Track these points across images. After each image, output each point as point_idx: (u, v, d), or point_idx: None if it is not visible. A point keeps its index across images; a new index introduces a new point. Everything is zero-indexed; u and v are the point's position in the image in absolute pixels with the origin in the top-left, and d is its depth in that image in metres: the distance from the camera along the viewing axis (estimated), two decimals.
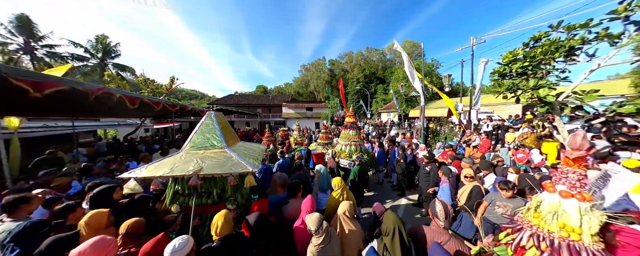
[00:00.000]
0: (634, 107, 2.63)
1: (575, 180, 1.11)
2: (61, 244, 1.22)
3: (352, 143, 5.21)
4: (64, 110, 4.93)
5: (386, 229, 1.30)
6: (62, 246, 1.18)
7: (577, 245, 1.06)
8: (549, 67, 3.54)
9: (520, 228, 1.32)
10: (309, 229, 1.45)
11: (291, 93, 40.84)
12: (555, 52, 3.23)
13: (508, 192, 2.09)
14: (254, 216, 1.66)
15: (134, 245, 1.43)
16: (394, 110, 20.73)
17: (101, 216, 1.51)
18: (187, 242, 1.31)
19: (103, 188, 1.87)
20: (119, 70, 16.16)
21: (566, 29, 3.19)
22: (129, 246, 1.35)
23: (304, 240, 1.59)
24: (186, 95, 59.82)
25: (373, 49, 42.85)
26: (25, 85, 1.90)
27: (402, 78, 19.21)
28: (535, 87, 3.30)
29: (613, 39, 2.69)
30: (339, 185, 2.25)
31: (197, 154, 1.99)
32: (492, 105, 11.14)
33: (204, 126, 2.21)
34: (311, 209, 1.71)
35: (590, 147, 1.08)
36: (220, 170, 1.78)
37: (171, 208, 1.96)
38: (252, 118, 24.16)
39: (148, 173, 1.68)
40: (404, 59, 6.29)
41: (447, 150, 4.19)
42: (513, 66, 3.75)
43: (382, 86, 32.73)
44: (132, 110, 5.54)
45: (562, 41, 3.21)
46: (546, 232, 1.16)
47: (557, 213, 1.14)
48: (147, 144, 6.81)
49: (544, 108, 3.29)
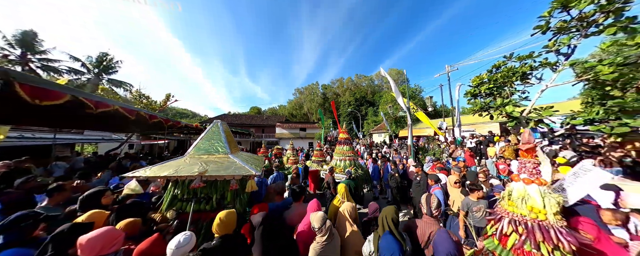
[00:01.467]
0: (582, 119, 3.17)
1: (532, 168, 1.35)
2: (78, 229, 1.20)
3: (346, 158, 5.35)
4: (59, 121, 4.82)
5: (379, 220, 1.42)
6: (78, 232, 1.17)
7: (545, 223, 1.24)
8: (511, 88, 4.25)
9: (500, 218, 1.48)
10: (312, 227, 1.51)
11: (285, 114, 41.61)
12: (512, 76, 3.98)
13: (477, 192, 2.30)
14: (259, 216, 1.69)
15: (130, 243, 1.39)
16: (384, 130, 21.54)
17: (100, 216, 1.49)
18: (191, 238, 1.33)
19: (92, 192, 1.82)
20: (113, 85, 16.17)
21: (517, 59, 4.01)
22: (129, 243, 1.32)
23: (308, 241, 1.62)
24: (177, 114, 58.80)
25: (362, 75, 46.57)
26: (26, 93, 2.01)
27: (390, 101, 20.63)
28: (502, 104, 3.90)
29: (552, 66, 3.43)
30: (342, 193, 2.34)
31: (201, 158, 2.06)
32: (473, 124, 12.10)
33: (211, 133, 2.33)
34: (318, 210, 1.78)
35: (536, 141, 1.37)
36: (224, 172, 1.85)
37: (167, 214, 1.92)
38: (244, 137, 23.82)
39: (152, 174, 1.71)
40: (390, 83, 7.03)
41: (435, 163, 4.45)
42: (481, 88, 4.46)
43: (372, 108, 34.56)
44: (126, 124, 5.48)
45: (516, 68, 3.99)
46: (520, 216, 1.34)
47: (524, 198, 1.34)
48: (133, 160, 6.47)
49: (513, 122, 3.81)
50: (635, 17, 2.73)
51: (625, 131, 2.67)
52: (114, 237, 1.12)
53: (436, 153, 6.77)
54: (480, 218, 2.18)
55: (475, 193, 2.28)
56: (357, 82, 45.58)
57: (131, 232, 1.47)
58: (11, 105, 2.51)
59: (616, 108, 2.81)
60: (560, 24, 3.30)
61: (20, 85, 2.08)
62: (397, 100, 6.95)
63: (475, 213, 2.20)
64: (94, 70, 16.05)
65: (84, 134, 8.47)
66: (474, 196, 2.30)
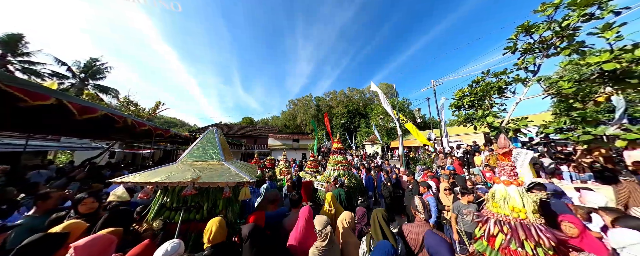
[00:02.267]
0: (552, 128, 3.52)
1: (510, 170, 1.48)
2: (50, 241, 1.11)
3: (340, 168, 5.36)
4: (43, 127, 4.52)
5: (371, 220, 1.45)
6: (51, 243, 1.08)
7: (526, 222, 1.33)
8: (490, 101, 4.63)
9: (487, 219, 1.56)
10: (315, 229, 1.50)
11: (278, 125, 41.45)
12: (490, 90, 4.37)
13: (467, 196, 2.40)
14: (247, 228, 1.65)
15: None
16: (376, 142, 21.93)
17: (78, 227, 1.38)
18: (179, 245, 1.27)
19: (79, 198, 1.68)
20: (99, 91, 15.54)
21: (494, 75, 4.45)
22: None
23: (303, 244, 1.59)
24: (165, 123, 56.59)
25: (354, 88, 48.35)
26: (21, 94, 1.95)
27: (381, 113, 21.33)
28: (483, 115, 4.22)
29: (523, 81, 3.85)
30: (329, 201, 2.34)
31: (194, 165, 2.02)
32: (460, 135, 12.70)
33: (205, 139, 2.31)
34: (309, 215, 1.76)
35: (510, 144, 1.52)
36: (218, 179, 1.82)
37: (153, 224, 1.82)
38: (235, 148, 23.17)
39: (142, 179, 1.65)
40: (380, 96, 7.40)
41: (426, 172, 4.58)
42: (464, 100, 4.83)
43: (365, 120, 35.39)
44: (109, 131, 5.24)
45: (493, 83, 4.41)
46: (503, 216, 1.42)
47: (506, 199, 1.44)
48: (115, 169, 6.06)
49: (494, 132, 4.09)
50: (583, 42, 3.21)
51: (589, 138, 2.98)
52: (110, 242, 1.07)
53: (427, 163, 6.97)
54: (471, 222, 2.25)
55: (465, 196, 2.37)
56: (350, 95, 47.08)
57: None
58: None
59: (579, 118, 3.15)
60: (525, 45, 3.78)
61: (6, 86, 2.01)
62: (387, 110, 7.26)
63: (466, 217, 2.27)
64: (80, 75, 15.47)
65: (59, 141, 7.88)
66: (465, 199, 2.39)
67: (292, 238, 1.69)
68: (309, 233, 1.72)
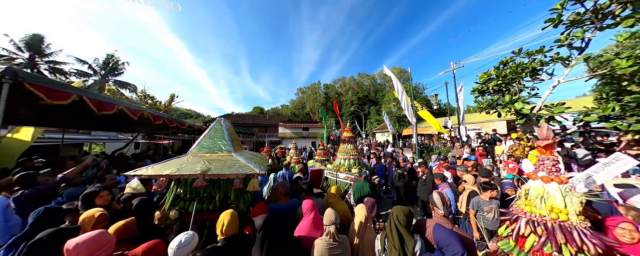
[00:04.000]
0: (596, 116, 3.04)
1: (551, 166, 1.27)
2: (61, 235, 1.17)
3: (351, 157, 5.28)
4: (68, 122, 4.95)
5: (389, 219, 1.36)
6: (62, 237, 1.14)
7: (567, 224, 1.16)
8: (519, 85, 4.11)
9: (517, 218, 1.40)
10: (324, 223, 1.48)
11: (287, 114, 41.69)
12: (522, 73, 3.83)
13: (489, 192, 2.18)
14: (260, 218, 1.65)
15: (127, 247, 1.35)
16: (387, 130, 21.35)
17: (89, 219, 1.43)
18: (193, 237, 1.29)
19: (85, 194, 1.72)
20: (119, 86, 16.46)
21: (526, 54, 3.87)
22: (123, 248, 1.28)
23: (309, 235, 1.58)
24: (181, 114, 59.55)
25: (364, 74, 46.31)
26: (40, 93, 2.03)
27: (393, 100, 20.40)
28: (511, 101, 3.76)
29: (564, 61, 3.29)
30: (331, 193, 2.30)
31: (204, 157, 2.03)
32: (479, 123, 11.86)
33: (214, 131, 2.30)
34: (312, 207, 1.73)
35: (555, 135, 1.29)
36: (228, 171, 1.82)
37: (170, 213, 1.90)
38: (248, 137, 23.95)
39: (154, 172, 1.69)
40: (393, 81, 6.91)
41: (442, 162, 4.34)
42: (489, 84, 4.33)
43: (375, 108, 34.30)
44: (131, 124, 5.54)
45: (525, 64, 3.85)
46: (539, 217, 1.26)
47: (543, 197, 1.26)
48: (138, 159, 6.53)
49: (522, 120, 3.68)
50: None
51: None
52: (103, 242, 1.08)
53: (442, 152, 6.63)
54: (494, 219, 2.08)
55: (487, 192, 2.17)
56: (360, 81, 45.34)
57: (126, 234, 1.43)
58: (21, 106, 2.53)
59: (634, 104, 2.67)
60: (573, 16, 3.16)
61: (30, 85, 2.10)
62: (400, 98, 6.83)
63: (487, 214, 2.10)
64: (101, 72, 16.37)
65: (91, 134, 8.61)
66: (486, 195, 2.19)
67: (301, 229, 1.68)
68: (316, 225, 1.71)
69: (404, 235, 1.25)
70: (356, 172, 4.39)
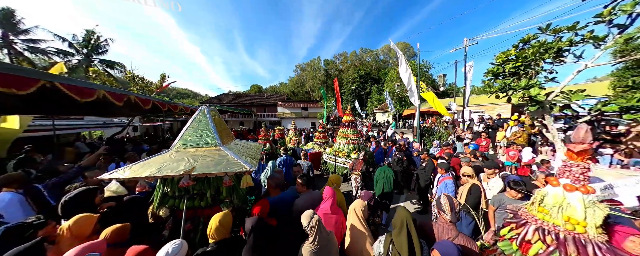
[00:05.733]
0: (616, 106, 2.74)
1: (579, 174, 1.11)
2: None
3: (350, 142, 5.19)
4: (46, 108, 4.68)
5: (394, 223, 1.26)
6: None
7: (583, 237, 1.06)
8: (537, 68, 3.67)
9: (524, 223, 1.31)
10: (303, 225, 1.39)
11: (286, 92, 40.49)
12: (545, 54, 3.35)
13: (520, 192, 1.97)
14: (252, 220, 1.58)
15: (118, 252, 1.29)
16: (388, 110, 21.00)
17: (87, 221, 1.35)
18: (181, 246, 1.21)
19: (82, 191, 1.61)
20: (106, 66, 15.43)
21: (553, 32, 3.32)
22: (114, 252, 1.22)
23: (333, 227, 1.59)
24: (178, 94, 58.03)
25: (367, 49, 43.34)
26: None
27: (396, 79, 19.46)
28: (526, 86, 3.41)
29: (598, 41, 2.80)
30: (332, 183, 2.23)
31: (188, 152, 1.87)
32: (483, 105, 11.52)
33: (197, 122, 2.09)
34: (332, 195, 1.72)
35: (593, 141, 1.09)
36: (214, 169, 1.67)
37: (159, 212, 1.83)
38: (246, 117, 23.73)
39: (133, 174, 1.54)
40: (400, 58, 6.33)
41: (444, 148, 4.22)
42: (506, 66, 3.87)
43: (377, 86, 33.11)
44: (119, 109, 5.26)
45: (550, 43, 3.34)
46: (551, 226, 1.15)
47: (561, 206, 1.14)
48: (135, 144, 6.47)
49: (535, 107, 3.39)
50: None
51: None
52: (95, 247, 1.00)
53: (443, 137, 6.51)
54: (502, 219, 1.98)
55: (515, 192, 1.98)
56: (362, 57, 42.74)
57: (118, 239, 1.36)
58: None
59: None
60: None
61: None
62: (402, 77, 6.34)
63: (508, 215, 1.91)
64: (83, 51, 15.07)
65: (84, 120, 8.35)
66: (513, 194, 1.98)
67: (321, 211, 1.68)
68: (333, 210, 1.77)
69: (415, 244, 1.16)
70: (355, 157, 4.33)
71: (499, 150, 5.36)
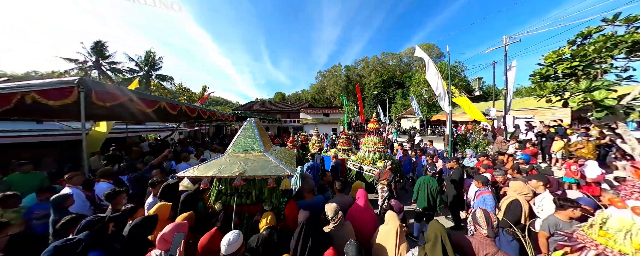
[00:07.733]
0: None
1: None
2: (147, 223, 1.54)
3: (376, 150, 5.15)
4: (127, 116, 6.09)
5: (428, 237, 1.29)
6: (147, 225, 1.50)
7: None
8: (604, 65, 3.13)
9: (581, 247, 1.20)
10: (326, 215, 1.69)
11: (308, 99, 41.80)
12: (614, 49, 2.86)
13: (570, 211, 1.70)
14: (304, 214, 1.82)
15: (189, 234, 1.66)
16: (414, 115, 19.83)
17: (165, 209, 1.78)
18: (239, 236, 1.48)
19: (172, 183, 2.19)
20: (160, 80, 18.74)
21: (625, 22, 2.82)
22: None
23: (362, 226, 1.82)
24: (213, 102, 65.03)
25: (389, 53, 42.14)
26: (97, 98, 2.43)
27: (424, 82, 18.38)
28: (587, 89, 2.94)
29: None
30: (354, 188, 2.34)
31: (239, 157, 2.21)
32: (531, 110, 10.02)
33: (245, 131, 2.45)
34: (365, 197, 1.96)
35: None
36: (262, 172, 1.96)
37: (215, 206, 2.19)
38: (271, 123, 25.25)
39: (199, 173, 1.93)
40: (426, 62, 6.08)
41: (482, 159, 3.85)
42: (558, 67, 3.41)
43: (401, 91, 31.67)
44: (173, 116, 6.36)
45: (621, 36, 2.84)
46: (616, 253, 1.05)
47: (630, 232, 1.03)
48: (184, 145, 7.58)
49: (602, 112, 2.90)
50: None
51: None
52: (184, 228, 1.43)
53: (480, 145, 5.90)
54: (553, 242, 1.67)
55: (568, 211, 1.71)
56: (384, 61, 41.67)
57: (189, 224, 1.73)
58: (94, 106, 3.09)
59: None
60: None
61: (94, 91, 2.58)
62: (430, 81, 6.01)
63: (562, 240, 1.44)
64: (145, 68, 18.67)
65: (145, 125, 10.23)
66: (565, 215, 1.71)
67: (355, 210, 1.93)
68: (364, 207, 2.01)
69: None
70: (381, 166, 4.28)
71: (555, 164, 4.64)
